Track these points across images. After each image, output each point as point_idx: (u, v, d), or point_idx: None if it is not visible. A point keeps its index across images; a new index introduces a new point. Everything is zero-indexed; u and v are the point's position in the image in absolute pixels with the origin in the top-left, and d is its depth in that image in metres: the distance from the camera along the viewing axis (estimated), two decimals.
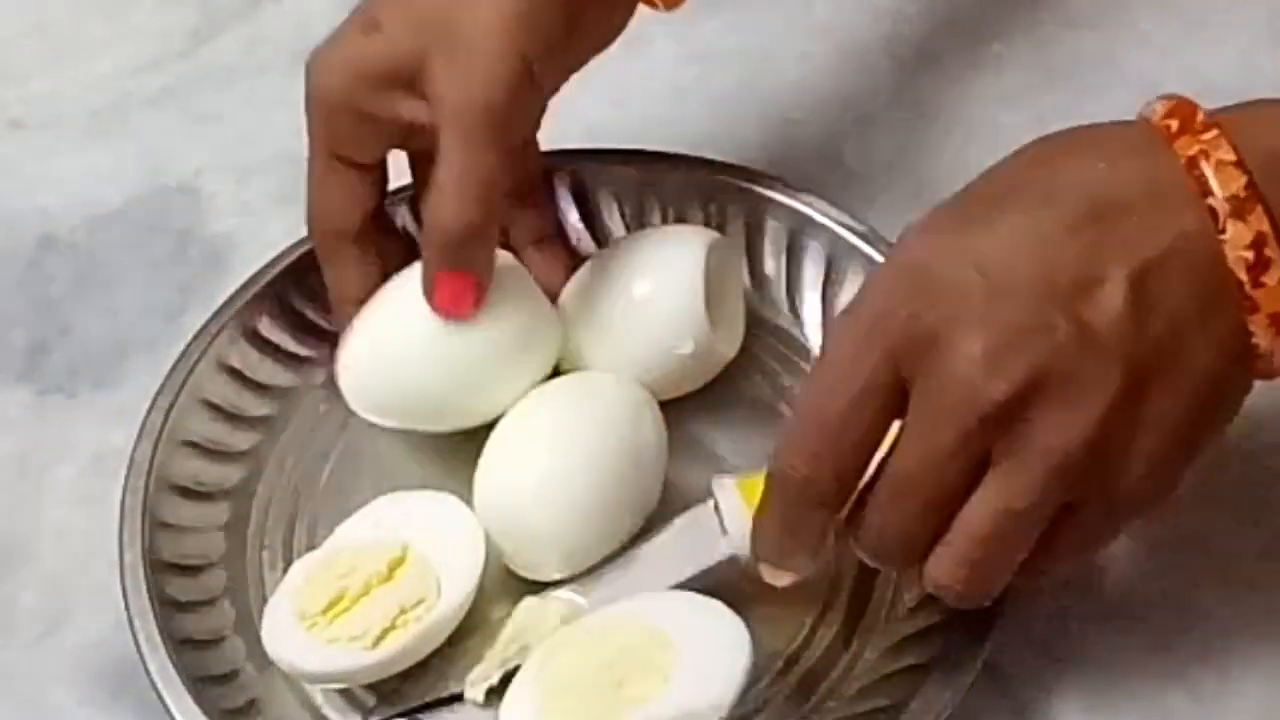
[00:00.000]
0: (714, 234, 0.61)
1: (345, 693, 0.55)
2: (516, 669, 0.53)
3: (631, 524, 0.57)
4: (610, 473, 0.55)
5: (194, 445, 0.60)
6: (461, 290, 0.56)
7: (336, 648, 0.53)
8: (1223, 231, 0.47)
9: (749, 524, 0.52)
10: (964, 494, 0.47)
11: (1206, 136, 0.47)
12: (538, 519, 0.55)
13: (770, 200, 0.64)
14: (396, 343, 0.57)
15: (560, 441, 0.56)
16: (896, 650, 0.54)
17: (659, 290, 0.59)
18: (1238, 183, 0.47)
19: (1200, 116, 0.48)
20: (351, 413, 0.61)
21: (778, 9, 0.77)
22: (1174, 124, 0.48)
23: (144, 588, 0.55)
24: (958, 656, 0.52)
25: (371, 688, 0.55)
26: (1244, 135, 0.47)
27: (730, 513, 0.54)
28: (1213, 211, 0.47)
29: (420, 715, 0.54)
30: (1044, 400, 0.46)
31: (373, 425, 0.60)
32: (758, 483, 0.51)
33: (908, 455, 0.47)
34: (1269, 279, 0.47)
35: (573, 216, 0.66)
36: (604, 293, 0.60)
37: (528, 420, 0.57)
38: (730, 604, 0.53)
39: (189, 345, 0.61)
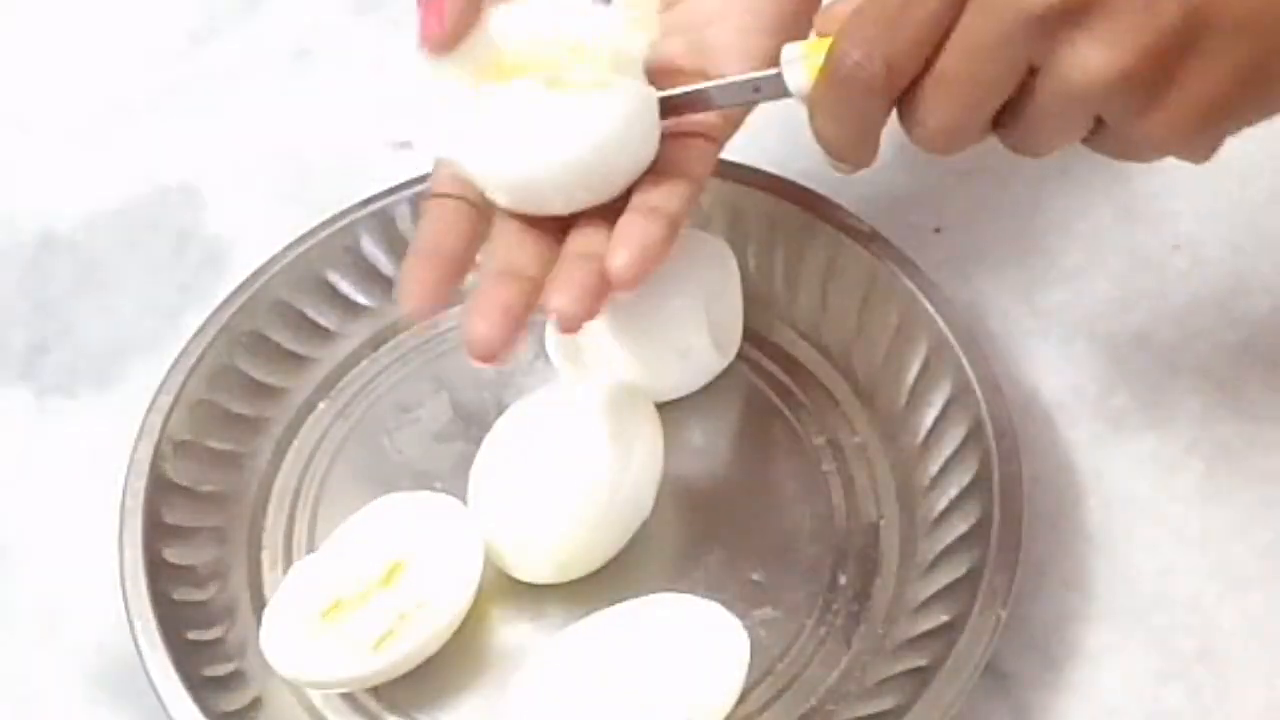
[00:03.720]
0: (714, 238, 0.61)
1: (345, 694, 0.55)
2: None
3: (627, 528, 0.57)
4: (606, 477, 0.55)
5: (194, 445, 0.59)
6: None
7: (335, 654, 0.53)
8: None
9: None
10: (1005, 97, 0.47)
11: None
12: (533, 524, 0.55)
13: (769, 200, 0.64)
14: None
15: (556, 446, 0.55)
16: (898, 653, 0.54)
17: (659, 296, 0.58)
18: None
19: None
20: (350, 413, 0.61)
21: None
22: None
23: (144, 588, 0.55)
24: (960, 658, 0.52)
25: (372, 690, 0.55)
26: None
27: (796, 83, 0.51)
28: None
29: None
30: (1092, 21, 0.45)
31: (373, 422, 0.61)
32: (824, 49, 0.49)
33: (952, 50, 0.47)
34: None
35: None
36: None
37: (524, 425, 0.57)
38: (730, 606, 0.53)
39: (189, 345, 0.61)
